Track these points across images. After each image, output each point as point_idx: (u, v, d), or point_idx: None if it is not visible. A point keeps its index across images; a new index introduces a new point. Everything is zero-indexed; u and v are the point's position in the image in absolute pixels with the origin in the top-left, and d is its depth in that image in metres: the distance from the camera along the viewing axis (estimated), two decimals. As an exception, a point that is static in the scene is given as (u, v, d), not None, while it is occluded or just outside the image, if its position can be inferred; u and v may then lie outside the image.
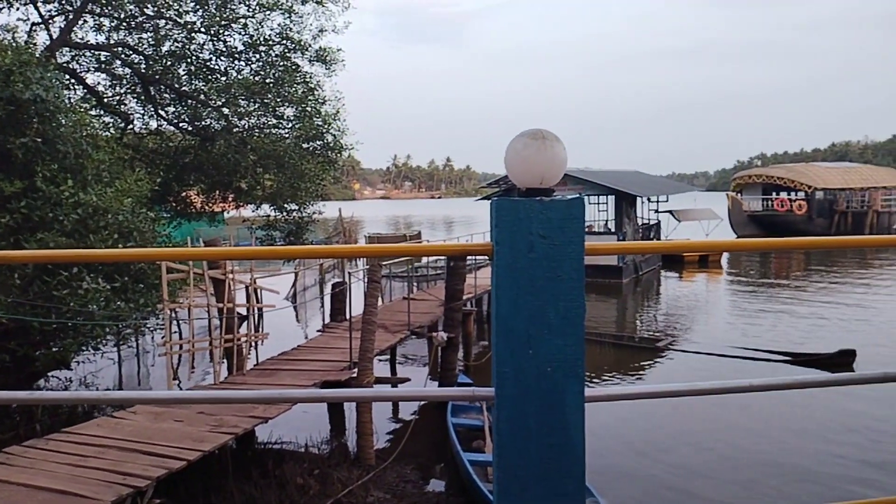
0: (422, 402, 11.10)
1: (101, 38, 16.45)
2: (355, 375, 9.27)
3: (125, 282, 8.87)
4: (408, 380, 12.02)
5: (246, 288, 17.34)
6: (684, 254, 29.37)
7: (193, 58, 16.61)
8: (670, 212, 33.11)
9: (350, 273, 13.99)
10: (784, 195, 47.50)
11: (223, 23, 15.88)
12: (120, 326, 9.82)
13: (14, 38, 12.67)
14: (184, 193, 18.46)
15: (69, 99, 13.56)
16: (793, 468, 8.83)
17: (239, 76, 16.48)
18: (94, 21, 16.22)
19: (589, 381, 12.59)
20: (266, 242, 18.66)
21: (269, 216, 18.36)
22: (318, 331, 13.57)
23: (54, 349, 8.70)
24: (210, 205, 19.14)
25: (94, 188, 9.00)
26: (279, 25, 16.63)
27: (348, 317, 11.85)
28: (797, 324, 17.65)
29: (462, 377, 12.21)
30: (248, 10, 16.31)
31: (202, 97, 16.59)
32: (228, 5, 15.96)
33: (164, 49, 16.30)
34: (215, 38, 16.45)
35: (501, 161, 1.65)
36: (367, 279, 9.69)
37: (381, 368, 12.73)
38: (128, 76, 17.04)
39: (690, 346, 15.42)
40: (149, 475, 6.18)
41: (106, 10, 15.59)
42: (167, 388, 10.44)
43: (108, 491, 5.86)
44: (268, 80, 16.28)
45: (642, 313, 21.49)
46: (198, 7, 15.99)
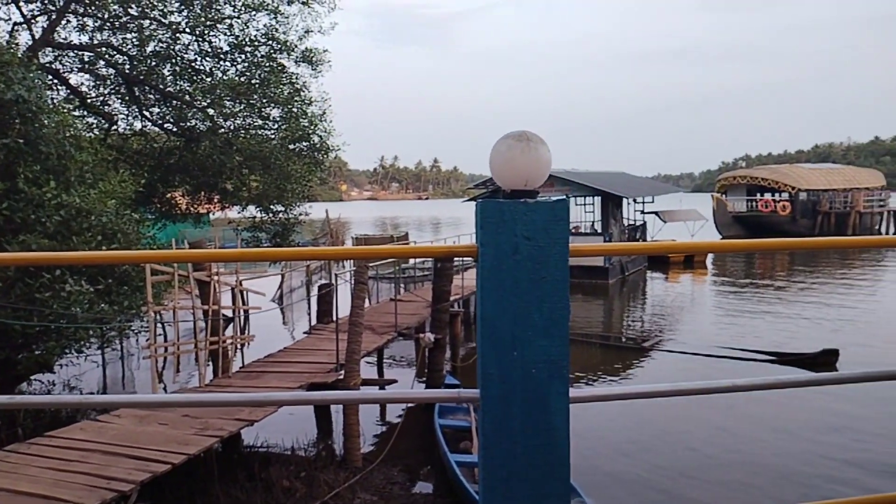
0: (409, 404, 11.09)
1: (85, 39, 16.34)
2: (342, 377, 9.24)
3: (109, 284, 8.79)
4: (395, 381, 12.01)
5: (231, 290, 17.23)
6: (669, 255, 29.55)
7: (178, 58, 16.51)
8: (656, 213, 33.31)
9: (337, 274, 13.95)
10: (768, 196, 47.93)
11: (208, 23, 15.80)
12: (104, 329, 9.73)
13: (-5, 38, 12.53)
14: (169, 195, 18.35)
15: (52, 99, 13.44)
16: (777, 468, 8.90)
17: (224, 77, 16.40)
18: (78, 21, 16.09)
19: (576, 382, 12.64)
20: (252, 244, 18.58)
21: (254, 217, 18.29)
22: (305, 333, 13.52)
23: (37, 352, 8.61)
24: (195, 206, 19.04)
25: (77, 189, 8.91)
26: (265, 26, 16.59)
27: (335, 318, 11.81)
28: (781, 323, 17.81)
29: (449, 378, 12.20)
30: (234, 11, 16.24)
31: (187, 98, 16.49)
32: (214, 6, 15.88)
33: (149, 49, 16.20)
34: (200, 39, 16.36)
35: (488, 162, 1.66)
36: (353, 280, 9.67)
37: (368, 370, 12.70)
38: (112, 77, 16.91)
39: (676, 347, 15.51)
40: (133, 479, 6.13)
41: (89, 10, 15.47)
42: (152, 392, 10.35)
43: (92, 495, 5.80)
44: (253, 81, 16.21)
45: (628, 314, 21.60)
46: (183, 7, 15.90)
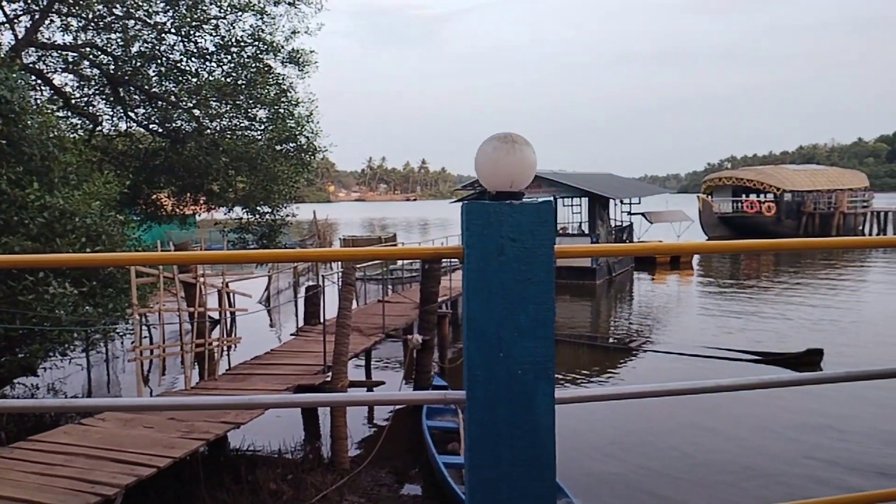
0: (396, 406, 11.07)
1: (69, 39, 16.19)
2: (329, 379, 9.21)
3: (93, 286, 8.72)
4: (382, 383, 11.98)
5: (218, 291, 17.15)
6: (656, 255, 29.72)
7: (164, 59, 16.40)
8: (643, 214, 33.50)
9: (324, 276, 13.91)
10: (753, 197, 48.33)
11: (194, 24, 15.71)
12: (88, 332, 9.64)
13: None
14: (154, 196, 18.23)
15: (35, 100, 13.31)
16: (761, 468, 8.97)
17: (210, 78, 16.31)
18: (61, 21, 15.94)
19: (563, 383, 12.67)
20: (239, 245, 18.49)
21: (241, 219, 18.20)
22: (292, 334, 13.46)
23: (20, 355, 8.52)
24: (181, 207, 18.93)
25: (60, 191, 8.83)
26: (251, 27, 16.52)
27: (322, 320, 11.77)
28: (766, 324, 17.96)
29: (437, 379, 12.20)
30: (220, 11, 16.16)
31: (173, 99, 16.39)
32: (199, 6, 15.79)
33: (134, 50, 16.08)
34: (186, 39, 16.26)
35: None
36: (341, 282, 9.65)
37: (356, 372, 12.67)
38: (96, 77, 16.77)
39: (662, 347, 15.60)
40: (117, 483, 6.07)
41: (73, 10, 15.33)
42: (137, 395, 10.27)
43: (76, 500, 5.75)
44: (240, 82, 16.14)
45: (616, 314, 21.70)
46: (168, 7, 15.80)
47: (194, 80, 16.38)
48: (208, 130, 16.71)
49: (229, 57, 16.47)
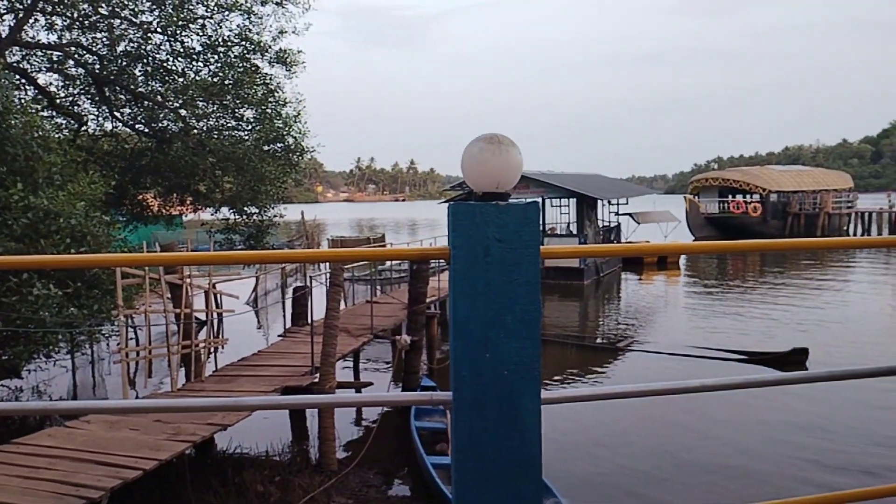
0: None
1: (53, 38, 16.04)
2: (317, 381, 9.18)
3: (78, 287, 8.64)
4: (371, 384, 11.96)
5: (205, 293, 17.05)
6: (643, 256, 29.86)
7: (150, 58, 16.29)
8: (630, 214, 33.67)
9: (312, 277, 13.86)
10: (740, 198, 48.70)
11: (180, 23, 15.60)
12: (73, 333, 9.56)
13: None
14: (140, 196, 18.09)
15: (19, 100, 13.15)
16: (745, 468, 9.02)
17: (197, 77, 16.20)
18: (46, 20, 15.80)
19: (550, 383, 12.70)
20: (226, 246, 18.39)
21: (228, 219, 18.09)
22: (280, 336, 13.40)
23: (4, 357, 8.43)
24: (167, 208, 18.80)
25: (45, 191, 8.75)
26: (238, 26, 16.43)
27: (310, 321, 11.73)
28: (752, 323, 18.10)
29: (425, 380, 12.20)
30: (207, 11, 16.06)
31: (159, 98, 16.28)
32: (186, 5, 15.69)
33: (120, 49, 15.95)
34: (172, 39, 16.15)
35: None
36: (329, 283, 9.62)
37: (344, 373, 12.64)
38: (81, 77, 16.63)
39: (649, 347, 15.67)
40: (103, 486, 6.02)
41: (58, 9, 15.20)
42: (123, 397, 10.20)
43: (61, 503, 5.70)
44: (226, 82, 16.04)
45: (603, 314, 21.79)
46: (154, 7, 15.69)
47: (181, 79, 16.27)
48: (195, 130, 16.60)
49: (216, 57, 16.37)
